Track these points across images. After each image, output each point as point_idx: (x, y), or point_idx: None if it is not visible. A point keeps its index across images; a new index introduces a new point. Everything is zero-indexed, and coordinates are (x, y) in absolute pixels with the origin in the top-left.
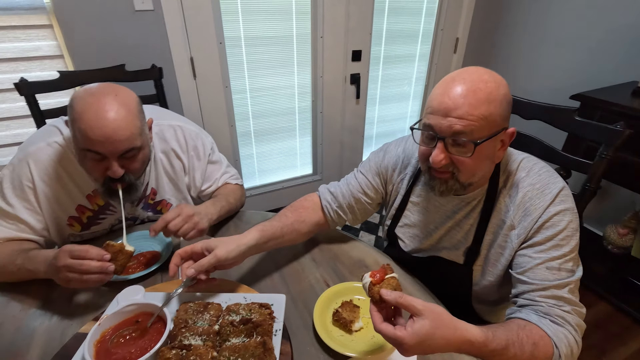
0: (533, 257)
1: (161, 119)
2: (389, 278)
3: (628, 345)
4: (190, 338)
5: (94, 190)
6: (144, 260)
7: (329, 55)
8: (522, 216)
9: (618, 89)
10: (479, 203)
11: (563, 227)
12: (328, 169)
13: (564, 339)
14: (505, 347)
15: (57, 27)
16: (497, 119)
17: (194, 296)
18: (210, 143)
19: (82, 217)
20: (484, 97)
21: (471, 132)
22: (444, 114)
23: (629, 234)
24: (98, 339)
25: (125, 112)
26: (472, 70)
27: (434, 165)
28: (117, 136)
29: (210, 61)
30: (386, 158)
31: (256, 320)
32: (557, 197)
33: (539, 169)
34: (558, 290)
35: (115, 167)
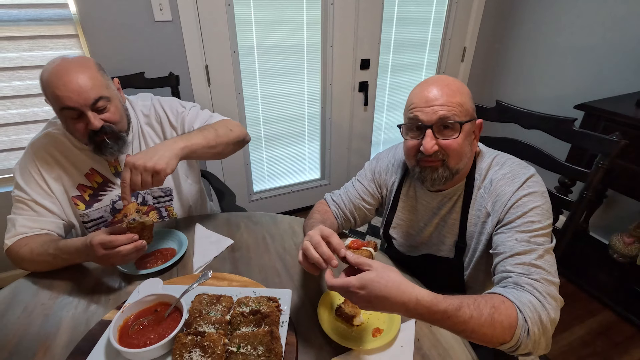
0: (505, 233)
1: (144, 100)
2: (364, 250)
3: (632, 354)
4: (204, 326)
5: (91, 169)
6: (161, 257)
7: (338, 63)
8: (495, 201)
9: (623, 99)
10: (459, 198)
11: (532, 207)
12: (336, 174)
13: (528, 303)
14: (458, 308)
15: (83, 37)
16: (469, 109)
17: (207, 290)
18: (190, 104)
19: (84, 196)
20: (456, 89)
21: (453, 117)
22: (428, 104)
23: (634, 243)
24: (121, 325)
25: (83, 68)
26: (443, 76)
27: (425, 152)
28: (81, 88)
29: (224, 69)
30: (379, 164)
31: (265, 311)
32: (525, 182)
33: (511, 162)
34: (525, 256)
35: (92, 118)
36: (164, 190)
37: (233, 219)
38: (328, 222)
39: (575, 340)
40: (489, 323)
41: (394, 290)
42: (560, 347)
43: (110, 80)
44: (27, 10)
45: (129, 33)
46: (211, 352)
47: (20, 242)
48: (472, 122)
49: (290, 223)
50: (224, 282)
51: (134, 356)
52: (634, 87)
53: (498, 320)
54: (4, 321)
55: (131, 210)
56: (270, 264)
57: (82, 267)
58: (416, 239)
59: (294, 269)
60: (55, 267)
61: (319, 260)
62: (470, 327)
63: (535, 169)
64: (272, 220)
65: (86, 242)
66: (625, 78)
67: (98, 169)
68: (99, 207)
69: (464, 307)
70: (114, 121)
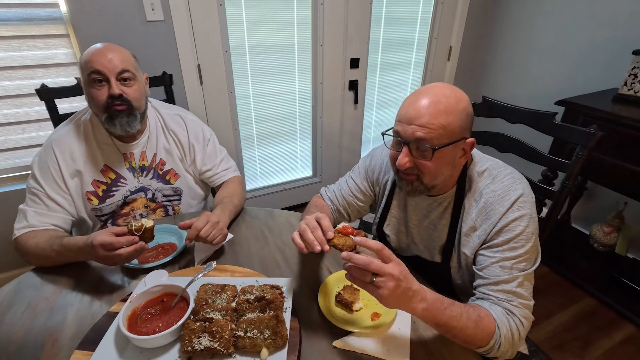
0: (489, 256)
1: (168, 109)
2: (349, 238)
3: (612, 337)
4: (211, 313)
5: (105, 165)
6: (162, 251)
7: (329, 62)
8: (484, 219)
9: (600, 95)
10: (449, 205)
11: (519, 232)
12: (327, 172)
13: (507, 323)
14: (452, 303)
15: (74, 36)
16: (456, 129)
17: (211, 280)
18: (209, 132)
19: (98, 191)
20: (443, 109)
21: (431, 139)
22: (408, 121)
23: (613, 233)
24: (129, 314)
25: (118, 48)
26: (438, 86)
27: (399, 167)
28: (112, 59)
29: (216, 68)
30: (372, 162)
31: (269, 297)
32: (515, 203)
33: (503, 176)
34: (507, 285)
35: (114, 84)
36: (174, 190)
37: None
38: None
39: (559, 326)
40: (474, 325)
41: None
42: (545, 332)
43: (140, 70)
44: (17, 10)
45: (120, 33)
46: (219, 336)
47: (29, 234)
48: (454, 145)
49: (288, 217)
50: (226, 273)
51: (144, 343)
52: (610, 84)
53: (481, 327)
54: (9, 316)
55: (139, 206)
56: (271, 256)
57: (85, 263)
58: (407, 238)
59: (294, 260)
60: (58, 264)
61: (313, 242)
62: (460, 324)
63: (526, 183)
64: (270, 214)
65: (87, 242)
66: (602, 75)
67: (112, 165)
68: (111, 202)
69: (456, 305)
70: (133, 97)
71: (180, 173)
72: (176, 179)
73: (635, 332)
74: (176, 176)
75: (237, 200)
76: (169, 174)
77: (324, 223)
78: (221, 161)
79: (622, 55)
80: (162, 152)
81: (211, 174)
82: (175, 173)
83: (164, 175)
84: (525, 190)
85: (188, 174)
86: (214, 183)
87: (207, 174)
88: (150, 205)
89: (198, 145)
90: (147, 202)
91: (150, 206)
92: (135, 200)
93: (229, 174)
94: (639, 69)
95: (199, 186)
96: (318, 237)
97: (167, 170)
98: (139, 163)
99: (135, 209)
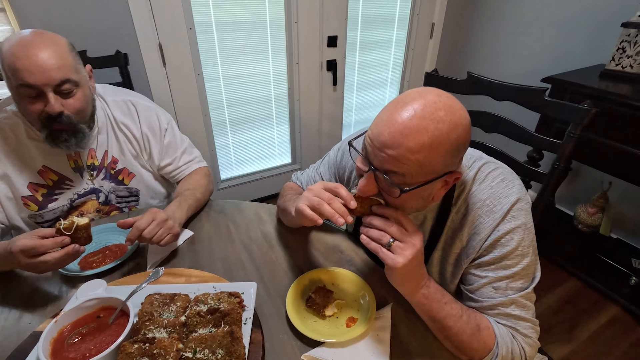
0: (480, 275)
1: (116, 95)
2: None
3: (597, 319)
4: (154, 331)
5: (43, 166)
6: (110, 254)
7: (304, 41)
8: (472, 234)
9: (586, 72)
10: (427, 219)
11: (513, 246)
12: (307, 158)
13: (508, 344)
14: (453, 301)
15: (10, 11)
16: (438, 167)
17: (161, 289)
18: (167, 119)
19: (36, 196)
20: (427, 141)
21: (403, 175)
22: (380, 147)
23: (597, 213)
24: (55, 337)
25: (53, 45)
26: (429, 101)
27: (359, 193)
28: (46, 65)
29: (180, 48)
30: (344, 158)
31: (224, 309)
32: (508, 213)
33: (493, 179)
34: (505, 309)
35: (52, 100)
36: (129, 191)
37: None
38: None
39: (545, 310)
40: (471, 332)
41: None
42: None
43: (81, 65)
44: None
45: (64, 6)
46: None
47: None
48: (431, 184)
49: (257, 210)
50: (181, 278)
51: None
52: (597, 60)
53: (477, 338)
54: None
55: (90, 210)
56: (235, 256)
57: (14, 272)
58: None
59: (261, 259)
60: None
61: (334, 215)
62: (457, 326)
63: (521, 183)
64: (237, 207)
65: (7, 248)
66: (588, 51)
67: (52, 165)
68: (54, 208)
69: (457, 303)
70: (77, 109)
71: (135, 172)
72: (130, 179)
73: (619, 313)
74: (130, 176)
75: (199, 194)
76: (121, 173)
77: (342, 192)
78: (183, 153)
79: (608, 29)
80: (114, 150)
81: (172, 168)
82: (129, 172)
83: (116, 176)
84: (521, 194)
85: (145, 171)
86: (176, 178)
87: (167, 169)
88: (102, 208)
89: (153, 136)
90: (99, 206)
91: (103, 210)
92: (84, 204)
93: (192, 166)
94: (627, 43)
95: (159, 183)
96: (339, 209)
97: (119, 169)
98: (87, 162)
99: (85, 212)
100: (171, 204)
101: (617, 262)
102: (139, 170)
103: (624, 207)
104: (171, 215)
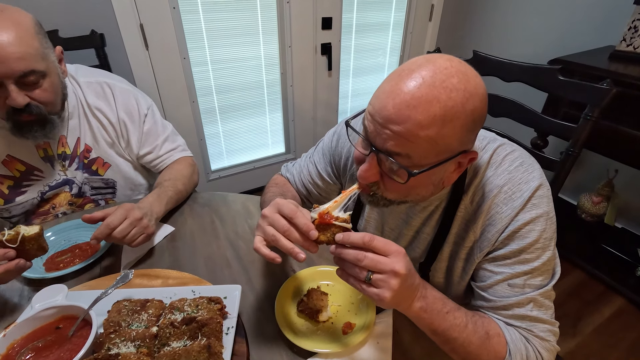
0: (494, 271)
1: (90, 77)
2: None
3: (602, 312)
4: (120, 345)
5: (8, 156)
6: (79, 254)
7: (297, 22)
8: (487, 225)
9: (595, 53)
10: (437, 209)
11: (534, 238)
12: (301, 147)
13: (523, 352)
14: (457, 308)
15: None
16: (453, 143)
17: (132, 294)
18: (147, 104)
19: (1, 188)
20: (439, 113)
21: (408, 156)
22: (383, 122)
23: (602, 202)
24: (3, 354)
25: (14, 27)
26: (439, 66)
27: (359, 179)
28: (5, 53)
29: (164, 29)
30: (339, 144)
31: (201, 318)
32: (529, 200)
33: (510, 163)
34: (520, 309)
35: (14, 93)
36: (105, 182)
37: None
38: (289, 195)
39: None
40: (480, 342)
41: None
42: None
43: (51, 49)
44: None
45: None
46: None
47: None
48: (443, 166)
49: (244, 202)
50: (157, 281)
51: None
52: (605, 41)
53: (487, 347)
54: None
55: (62, 203)
56: (220, 253)
57: None
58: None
59: (248, 257)
60: None
61: (293, 250)
62: (463, 336)
63: (541, 169)
64: (223, 200)
65: None
66: (595, 32)
67: (18, 155)
68: (23, 201)
69: (461, 311)
70: (46, 101)
71: (110, 161)
72: (106, 169)
73: (624, 305)
74: (105, 166)
75: (181, 185)
76: (95, 163)
77: (299, 221)
78: (165, 141)
79: (617, 9)
80: (87, 137)
81: (152, 157)
82: (104, 162)
83: (90, 165)
84: (542, 180)
85: (123, 160)
86: (157, 168)
87: (148, 158)
88: (76, 201)
89: (132, 122)
90: (71, 199)
91: (77, 202)
92: (57, 196)
93: (174, 155)
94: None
95: (139, 174)
96: (297, 241)
97: (93, 158)
98: (58, 150)
99: (57, 205)
100: (149, 195)
101: (622, 252)
102: (115, 159)
103: (629, 196)
104: (148, 208)
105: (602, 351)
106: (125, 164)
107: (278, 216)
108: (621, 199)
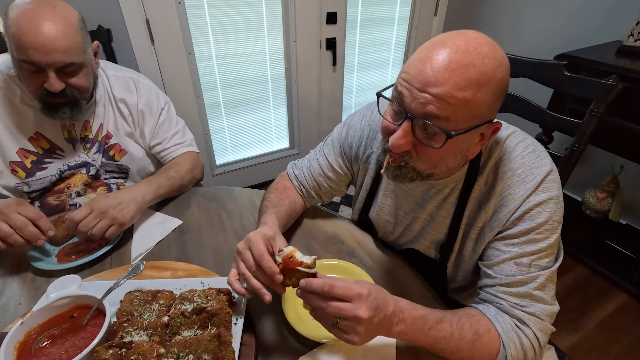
0: (502, 250)
1: (117, 71)
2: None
3: (605, 307)
4: (133, 333)
5: (36, 133)
6: (91, 245)
7: (302, 17)
8: (499, 206)
9: (602, 49)
10: (453, 191)
11: (544, 219)
12: (305, 142)
13: (516, 340)
14: (439, 321)
15: None
16: (483, 109)
17: (143, 285)
18: (165, 100)
19: (25, 162)
20: (475, 76)
21: (447, 119)
22: (421, 86)
23: (607, 198)
24: (21, 340)
25: (63, 23)
26: (470, 37)
27: (392, 148)
28: (52, 45)
29: (170, 24)
30: (349, 134)
31: (211, 308)
32: (541, 183)
33: (524, 148)
34: (523, 287)
35: (53, 79)
36: (119, 167)
37: (182, 196)
38: (284, 204)
39: None
40: (470, 346)
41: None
42: None
43: (89, 44)
44: None
45: None
46: None
47: None
48: (472, 132)
49: (250, 196)
50: (166, 272)
51: None
52: (612, 37)
53: (479, 347)
54: None
55: (77, 183)
56: (227, 246)
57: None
58: (396, 228)
59: None
60: None
61: (260, 291)
62: (450, 346)
63: (549, 156)
64: (229, 194)
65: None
66: (601, 27)
67: (45, 133)
68: (42, 177)
69: (445, 322)
70: (80, 87)
71: (127, 149)
72: (122, 156)
73: (628, 301)
74: (122, 152)
75: (174, 172)
76: (113, 149)
77: (264, 265)
78: (174, 134)
79: (624, 3)
80: (110, 124)
81: (160, 148)
82: (121, 149)
83: (108, 150)
84: (553, 166)
85: (139, 147)
86: (164, 160)
87: (157, 149)
88: (91, 183)
89: (150, 113)
90: (87, 179)
91: (91, 184)
92: (73, 176)
93: (180, 149)
94: None
95: (151, 162)
96: (265, 281)
97: (112, 144)
98: (80, 134)
99: (71, 185)
100: (135, 184)
101: (626, 248)
102: (131, 147)
103: (634, 192)
104: (125, 197)
105: (605, 346)
106: (139, 153)
107: (249, 254)
108: (626, 195)
